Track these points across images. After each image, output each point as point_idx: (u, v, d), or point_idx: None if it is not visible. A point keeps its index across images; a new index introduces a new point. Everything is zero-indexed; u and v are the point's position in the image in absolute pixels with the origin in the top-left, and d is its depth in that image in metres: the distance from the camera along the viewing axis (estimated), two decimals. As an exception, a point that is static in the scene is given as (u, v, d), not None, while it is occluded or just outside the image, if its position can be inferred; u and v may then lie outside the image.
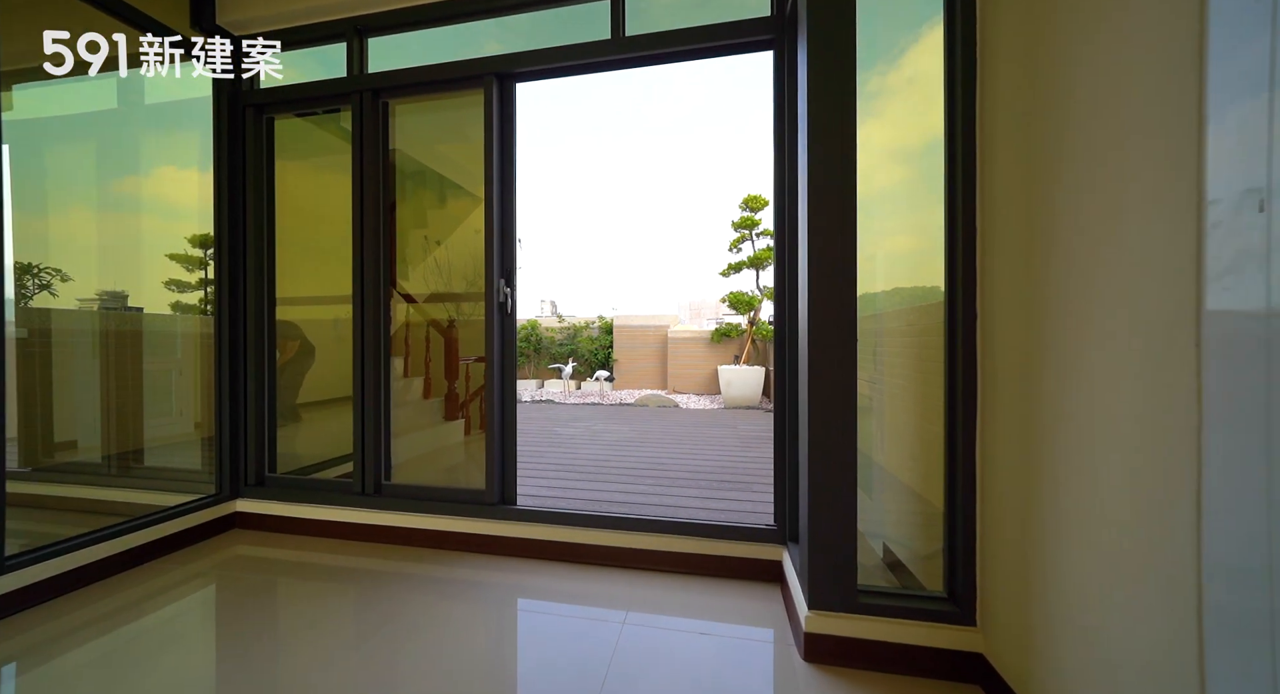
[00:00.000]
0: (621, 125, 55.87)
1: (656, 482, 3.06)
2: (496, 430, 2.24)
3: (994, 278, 1.33)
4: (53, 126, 2.43)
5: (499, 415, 2.25)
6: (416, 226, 3.66)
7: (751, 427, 5.13)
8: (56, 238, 2.45)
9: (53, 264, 2.38)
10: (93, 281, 2.57)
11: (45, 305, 2.38)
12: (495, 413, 2.24)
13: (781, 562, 1.92)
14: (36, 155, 2.35)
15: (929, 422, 1.69)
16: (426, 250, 3.25)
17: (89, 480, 2.47)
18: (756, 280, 7.52)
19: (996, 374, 1.32)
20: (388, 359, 2.43)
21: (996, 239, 1.32)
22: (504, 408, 2.28)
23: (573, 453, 3.90)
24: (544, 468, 3.43)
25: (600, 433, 4.74)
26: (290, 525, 2.42)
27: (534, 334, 9.51)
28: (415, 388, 3.67)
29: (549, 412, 6.20)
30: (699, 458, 3.73)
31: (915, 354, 1.75)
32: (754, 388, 7.00)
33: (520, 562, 2.13)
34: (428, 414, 3.69)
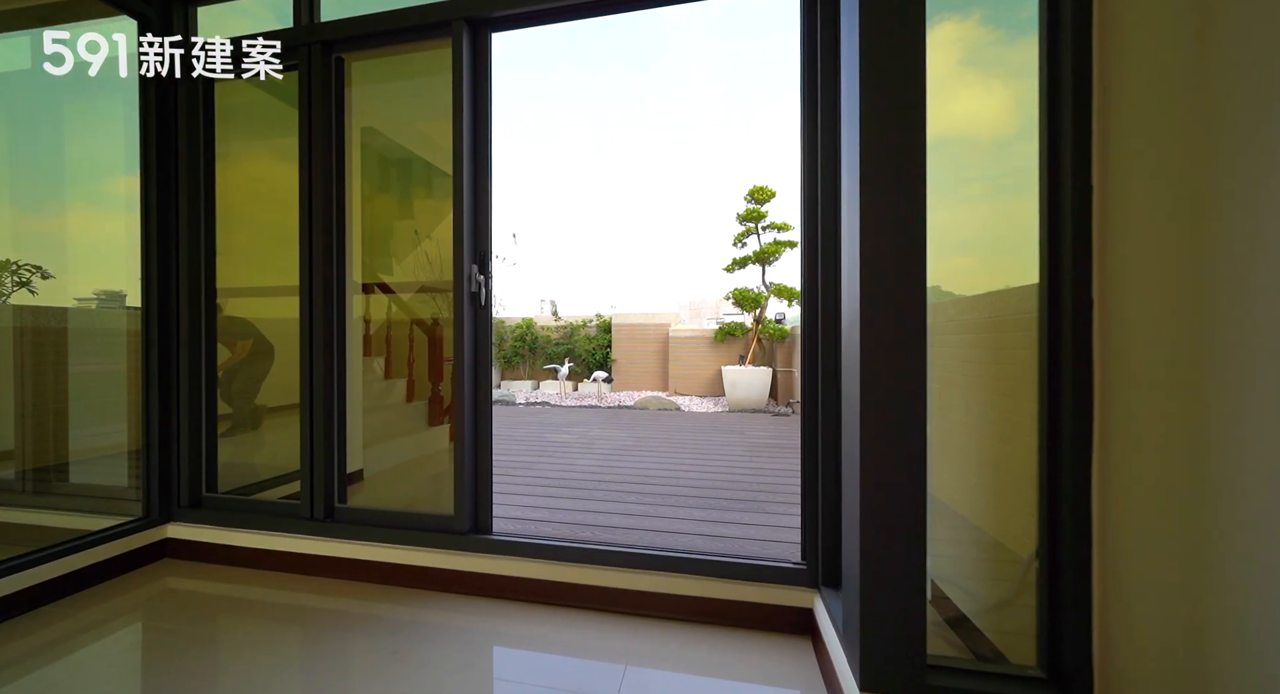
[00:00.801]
0: (620, 119, 55.54)
1: (657, 500, 2.70)
2: (468, 446, 1.88)
3: (1124, 261, 0.98)
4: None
5: (470, 428, 1.90)
6: (402, 217, 3.32)
7: (760, 432, 4.77)
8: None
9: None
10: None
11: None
12: (466, 425, 1.88)
13: (813, 611, 1.56)
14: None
15: (1002, 441, 1.33)
16: (416, 242, 2.92)
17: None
18: (762, 276, 7.16)
19: (1129, 381, 0.96)
20: (342, 360, 2.07)
21: (1132, 216, 0.96)
22: (477, 419, 1.92)
23: (565, 464, 3.54)
24: (531, 482, 3.07)
25: (596, 440, 4.38)
26: (229, 555, 2.06)
27: (529, 333, 9.16)
28: (398, 390, 3.33)
29: (543, 416, 5.84)
30: (704, 470, 3.37)
31: (983, 354, 1.39)
32: (760, 390, 6.64)
33: (496, 604, 1.77)
34: (410, 418, 3.34)
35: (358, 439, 2.50)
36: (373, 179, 2.83)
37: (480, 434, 1.93)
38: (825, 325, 1.56)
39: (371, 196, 2.79)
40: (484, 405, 1.93)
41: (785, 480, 3.06)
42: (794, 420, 5.50)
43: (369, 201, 2.70)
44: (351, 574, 1.94)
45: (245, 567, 2.04)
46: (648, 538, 2.14)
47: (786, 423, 5.36)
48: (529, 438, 4.44)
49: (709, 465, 3.46)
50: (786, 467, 3.43)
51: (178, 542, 2.10)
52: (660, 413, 6.24)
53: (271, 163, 2.33)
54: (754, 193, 7.03)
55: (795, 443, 4.25)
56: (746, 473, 3.25)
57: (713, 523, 2.30)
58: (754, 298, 6.91)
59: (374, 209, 2.78)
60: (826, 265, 1.56)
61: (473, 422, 1.91)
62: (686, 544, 2.07)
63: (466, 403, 1.88)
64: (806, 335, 1.63)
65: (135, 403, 2.16)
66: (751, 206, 7.01)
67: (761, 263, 7.08)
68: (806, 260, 1.62)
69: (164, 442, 2.12)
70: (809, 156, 1.60)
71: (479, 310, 1.94)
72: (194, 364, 2.15)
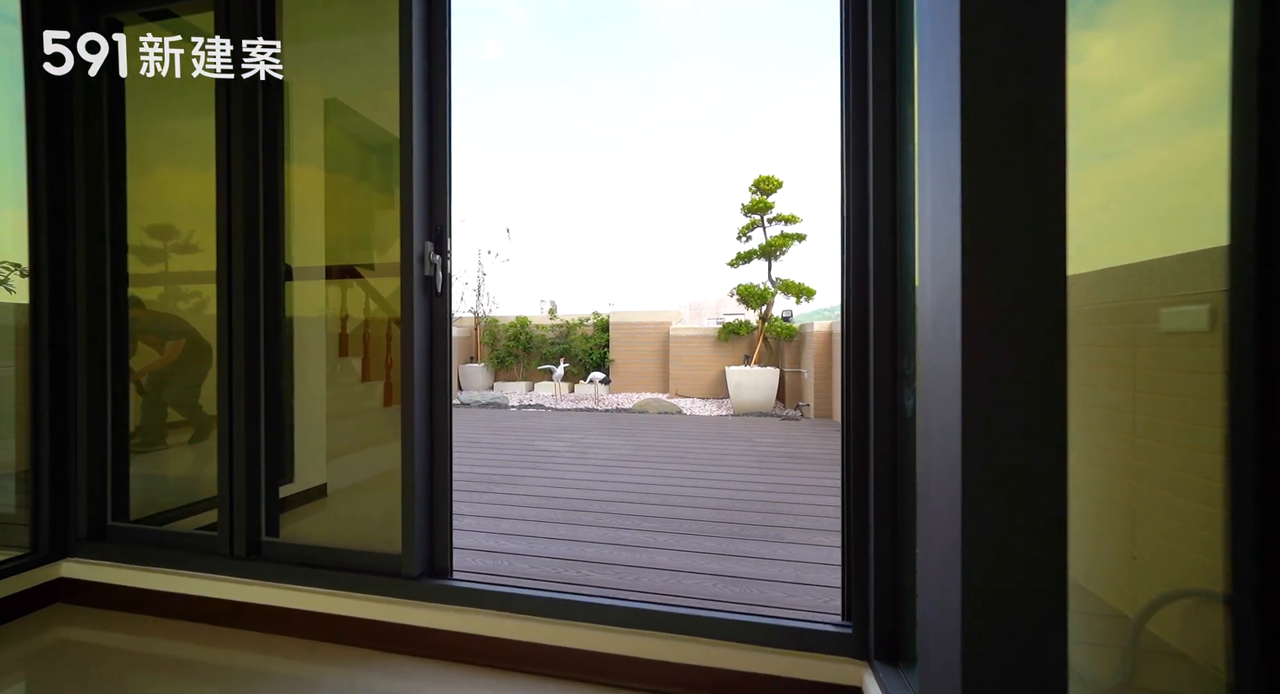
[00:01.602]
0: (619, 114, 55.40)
1: (658, 525, 2.32)
2: (418, 470, 1.51)
3: None
4: None
5: (423, 447, 1.52)
6: (385, 208, 2.95)
7: (770, 439, 4.39)
8: None
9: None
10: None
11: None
12: (417, 444, 1.51)
13: (862, 691, 1.18)
14: None
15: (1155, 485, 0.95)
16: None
17: None
18: (769, 272, 6.77)
19: None
20: (275, 361, 1.70)
21: None
22: (432, 435, 1.55)
23: (553, 478, 3.16)
24: (512, 501, 2.69)
25: (590, 449, 4.00)
26: (136, 599, 1.69)
27: (523, 332, 8.78)
28: (376, 394, 2.96)
29: (534, 420, 5.47)
30: (711, 485, 2.99)
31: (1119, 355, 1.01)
32: (767, 391, 6.26)
33: (454, 670, 1.40)
34: (388, 424, 2.97)
35: (320, 451, 2.13)
36: (342, 155, 2.46)
37: (436, 454, 1.55)
38: (880, 316, 1.18)
39: (339, 173, 2.42)
40: (441, 417, 1.56)
41: (805, 499, 2.68)
42: (805, 426, 5.12)
43: (336, 179, 2.33)
44: (278, 626, 1.56)
45: (154, 614, 1.67)
46: (647, 578, 1.76)
47: (798, 428, 4.98)
48: (516, 445, 4.06)
49: (716, 480, 3.08)
50: (804, 481, 3.05)
51: (73, 582, 1.73)
52: (661, 417, 5.87)
53: (194, 118, 1.95)
54: (760, 183, 6.65)
55: (810, 452, 3.93)
56: (760, 489, 2.88)
57: (725, 557, 1.92)
58: (760, 293, 6.52)
59: (338, 187, 2.41)
60: (881, 244, 1.18)
61: (426, 439, 1.53)
62: (694, 587, 1.69)
63: (417, 415, 1.51)
64: (854, 328, 1.25)
65: (25, 414, 1.79)
66: (757, 197, 6.63)
67: (768, 257, 6.69)
68: (854, 237, 1.24)
69: (58, 460, 1.74)
70: (856, 118, 1.23)
71: (434, 299, 1.56)
72: (95, 367, 1.78)
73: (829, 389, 5.47)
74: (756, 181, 6.69)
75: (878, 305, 1.19)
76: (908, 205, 1.17)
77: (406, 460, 1.50)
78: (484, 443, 4.17)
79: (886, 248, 1.19)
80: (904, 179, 1.18)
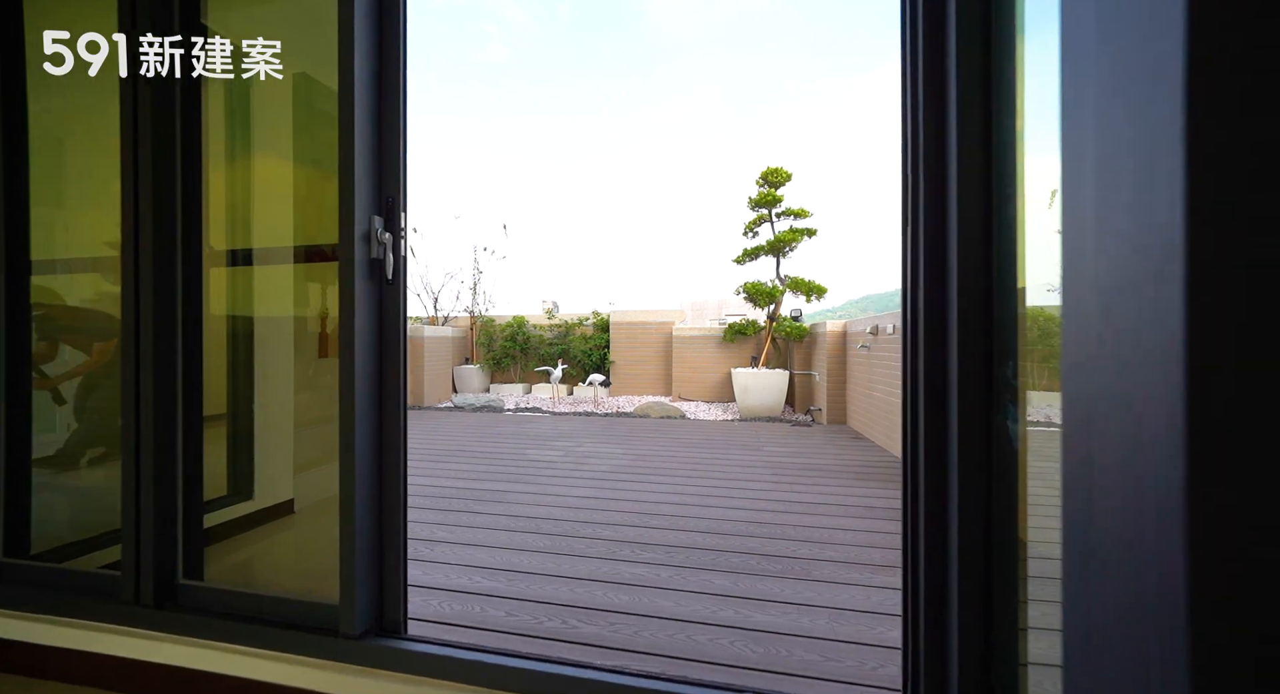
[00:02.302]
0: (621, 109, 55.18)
1: (663, 556, 2.01)
2: (362, 501, 1.20)
3: None
4: None
5: (368, 471, 1.22)
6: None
7: (782, 447, 4.07)
8: None
9: None
10: None
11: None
12: (360, 467, 1.20)
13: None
14: None
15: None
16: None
17: None
18: (777, 269, 6.45)
19: None
20: (194, 365, 1.39)
21: None
22: (381, 456, 1.24)
23: (543, 494, 2.85)
24: (497, 524, 2.38)
25: (587, 458, 3.69)
26: (26, 658, 1.38)
27: (520, 332, 8.47)
28: None
29: (529, 426, 5.16)
30: (722, 503, 2.68)
31: None
32: (776, 395, 5.94)
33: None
34: None
35: (286, 463, 1.84)
36: (309, 132, 2.16)
37: (387, 480, 1.24)
38: (967, 317, 0.88)
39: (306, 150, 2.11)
40: (393, 433, 1.25)
41: (830, 522, 2.36)
42: (819, 433, 4.80)
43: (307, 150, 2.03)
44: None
45: (50, 676, 1.36)
46: (650, 631, 1.44)
47: (811, 436, 4.66)
48: (507, 455, 3.75)
49: (728, 496, 2.77)
50: (827, 499, 2.73)
51: (-52, 634, 1.42)
52: (663, 422, 5.55)
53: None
54: (768, 175, 6.33)
55: (828, 463, 3.49)
56: (776, 508, 2.56)
57: (743, 601, 1.60)
58: (768, 291, 6.20)
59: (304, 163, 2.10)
60: (969, 234, 0.88)
61: (372, 461, 1.22)
62: (708, 645, 1.37)
63: (360, 432, 1.20)
64: (926, 332, 0.94)
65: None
66: (765, 190, 6.31)
67: (775, 254, 6.37)
68: (926, 227, 0.94)
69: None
70: (929, 90, 0.92)
71: (384, 287, 1.26)
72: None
73: (843, 393, 5.15)
74: (764, 174, 6.38)
75: (964, 305, 0.88)
76: (1007, 188, 0.87)
77: (346, 490, 1.19)
78: (473, 452, 3.86)
79: (976, 240, 0.89)
80: (1003, 161, 0.88)
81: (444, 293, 9.03)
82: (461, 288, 9.07)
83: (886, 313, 4.03)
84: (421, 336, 7.26)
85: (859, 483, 2.99)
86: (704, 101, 60.27)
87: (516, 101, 57.93)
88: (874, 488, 2.89)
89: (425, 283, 9.12)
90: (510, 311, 9.07)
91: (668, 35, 63.60)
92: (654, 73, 56.54)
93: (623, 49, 58.13)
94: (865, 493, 2.79)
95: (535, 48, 40.57)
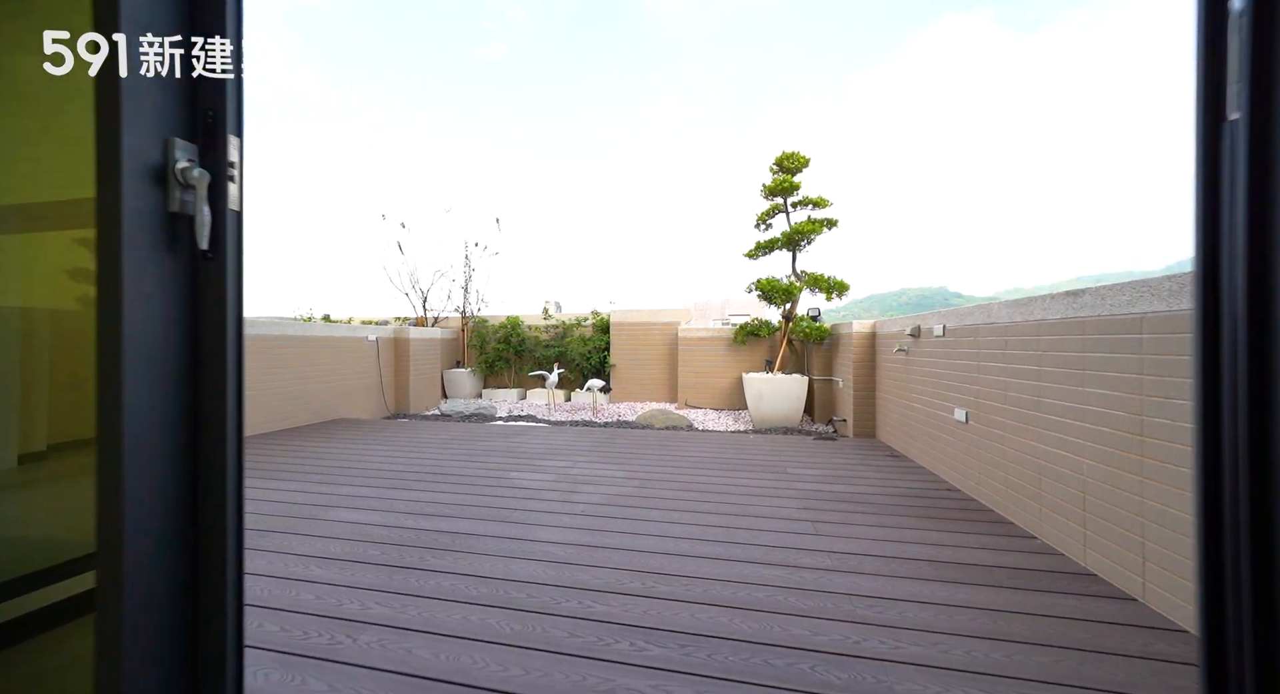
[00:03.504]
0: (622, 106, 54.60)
1: (670, 656, 1.45)
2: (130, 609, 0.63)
3: None
4: None
5: (161, 563, 0.65)
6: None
7: (808, 469, 3.50)
8: None
9: None
10: None
11: None
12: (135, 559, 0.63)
13: None
14: None
15: None
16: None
17: None
18: (793, 264, 5.87)
19: None
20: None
21: None
22: (191, 537, 0.67)
23: (520, 541, 2.30)
24: (454, 590, 1.83)
25: (579, 483, 3.13)
26: None
27: (515, 334, 7.91)
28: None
29: (518, 439, 4.59)
30: (743, 554, 2.11)
31: None
32: (793, 403, 5.36)
33: None
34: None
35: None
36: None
37: (205, 570, 0.68)
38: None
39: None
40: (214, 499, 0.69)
41: (895, 587, 1.79)
42: (847, 448, 4.22)
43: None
44: None
45: None
46: None
47: (838, 452, 4.09)
48: (485, 479, 3.19)
49: (753, 543, 2.20)
50: (881, 548, 2.16)
51: None
52: (668, 433, 4.98)
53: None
54: (783, 161, 5.74)
55: (870, 492, 2.72)
56: (819, 563, 1.99)
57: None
58: (785, 288, 5.60)
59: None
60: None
61: (169, 543, 0.66)
62: None
63: (129, 495, 0.63)
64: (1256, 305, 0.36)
65: None
66: (780, 177, 5.71)
67: (792, 247, 5.79)
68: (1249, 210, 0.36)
69: None
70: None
71: (198, 263, 0.70)
72: None
73: (871, 403, 4.57)
74: (779, 159, 5.79)
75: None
76: None
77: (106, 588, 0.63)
78: (447, 476, 3.30)
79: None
80: None
81: (434, 291, 8.48)
82: (453, 286, 8.52)
83: (933, 312, 3.45)
84: (407, 338, 6.71)
85: (918, 523, 2.42)
86: (704, 100, 58.52)
87: (516, 100, 56.18)
88: (939, 530, 2.31)
89: (414, 280, 8.58)
90: (506, 311, 8.51)
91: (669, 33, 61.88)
92: (654, 71, 55.16)
93: (623, 47, 56.24)
94: (932, 538, 2.21)
95: (534, 46, 38.61)
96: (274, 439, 4.42)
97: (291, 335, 5.20)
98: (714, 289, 17.63)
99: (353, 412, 5.95)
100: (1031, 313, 2.33)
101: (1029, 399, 2.31)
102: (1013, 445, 2.43)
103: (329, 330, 5.69)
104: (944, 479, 3.20)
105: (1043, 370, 2.21)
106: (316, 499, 2.77)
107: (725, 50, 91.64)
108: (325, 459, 3.70)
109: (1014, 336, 2.46)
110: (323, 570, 1.91)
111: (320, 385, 5.51)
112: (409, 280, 8.50)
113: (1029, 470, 2.30)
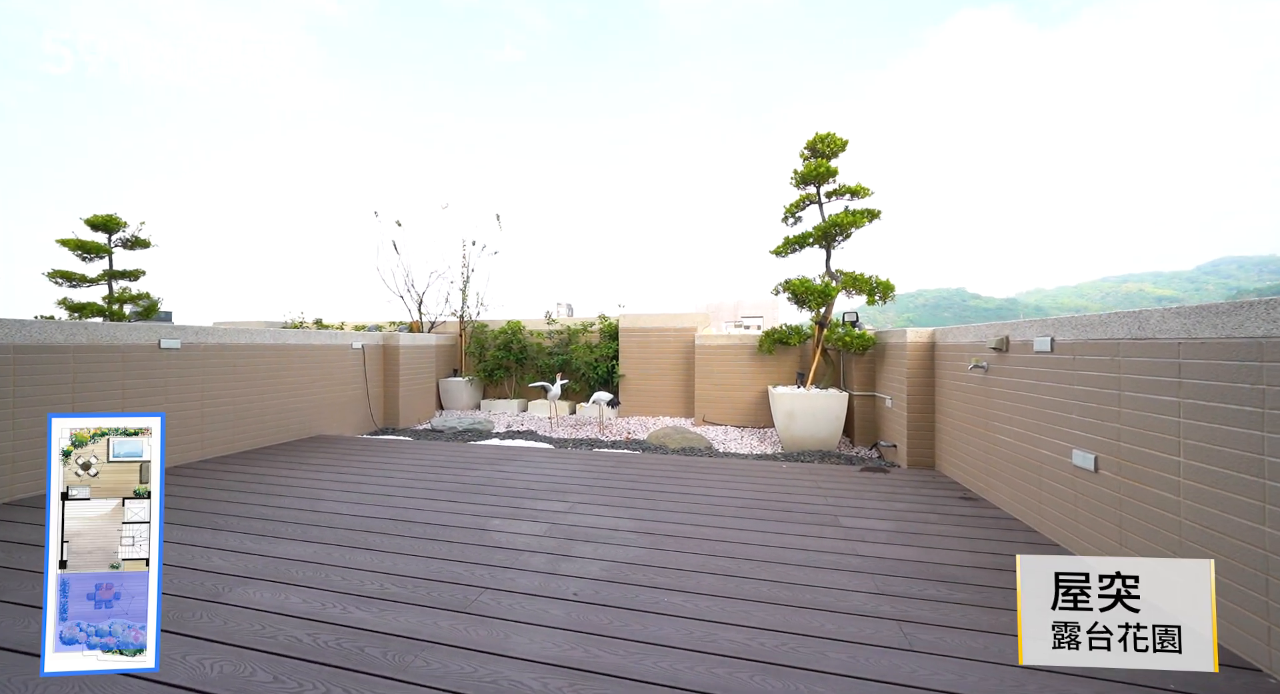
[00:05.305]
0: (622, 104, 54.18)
1: None
2: None
3: None
4: None
5: None
6: None
7: (867, 519, 2.79)
8: None
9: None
10: None
11: None
12: None
13: None
14: None
15: None
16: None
17: None
18: (827, 261, 5.15)
19: None
20: None
21: None
22: None
23: (489, 656, 1.64)
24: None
25: (574, 536, 2.46)
26: None
27: (515, 340, 7.28)
28: None
29: (512, 468, 3.94)
30: (803, 684, 1.43)
31: None
32: (831, 423, 4.64)
33: None
34: None
35: None
36: None
37: None
38: None
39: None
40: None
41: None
42: (904, 484, 3.50)
43: None
44: None
45: None
46: None
47: (897, 492, 3.37)
48: (460, 531, 2.53)
49: (817, 677, 1.51)
50: (998, 670, 1.46)
51: None
52: (684, 458, 4.30)
53: None
54: (816, 144, 5.04)
55: (956, 563, 1.92)
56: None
57: None
58: (820, 290, 4.89)
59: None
60: None
61: None
62: None
63: None
64: None
65: None
66: (812, 163, 5.01)
67: (826, 242, 5.07)
68: None
69: None
70: None
71: None
72: None
73: (930, 427, 3.84)
74: (811, 142, 5.09)
75: None
76: None
77: None
78: (415, 524, 2.65)
79: None
80: None
81: (430, 293, 7.90)
82: (451, 288, 7.93)
83: (1028, 320, 2.73)
84: (397, 346, 6.11)
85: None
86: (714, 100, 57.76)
87: (523, 101, 55.91)
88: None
89: (409, 282, 8.00)
90: (509, 315, 7.90)
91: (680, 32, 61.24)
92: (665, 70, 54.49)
93: (634, 47, 55.81)
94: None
95: (548, 48, 38.31)
96: (228, 464, 3.82)
97: (263, 344, 4.61)
98: (726, 290, 17.18)
99: (335, 427, 5.36)
100: (1239, 325, 1.56)
101: (1234, 454, 1.56)
102: (1195, 516, 1.69)
103: (306, 337, 5.10)
104: (1041, 534, 2.48)
105: (1267, 414, 1.47)
106: (233, 564, 2.13)
107: (736, 49, 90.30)
108: (275, 496, 3.08)
109: (1198, 360, 1.70)
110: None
111: (297, 399, 4.92)
112: (404, 282, 7.93)
113: (1233, 557, 1.57)
